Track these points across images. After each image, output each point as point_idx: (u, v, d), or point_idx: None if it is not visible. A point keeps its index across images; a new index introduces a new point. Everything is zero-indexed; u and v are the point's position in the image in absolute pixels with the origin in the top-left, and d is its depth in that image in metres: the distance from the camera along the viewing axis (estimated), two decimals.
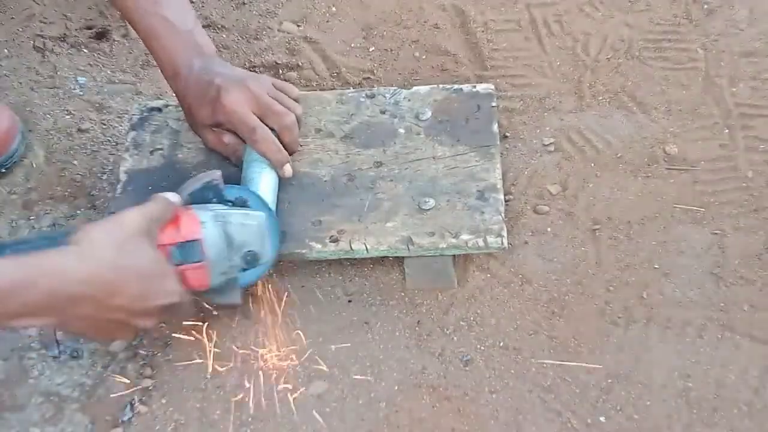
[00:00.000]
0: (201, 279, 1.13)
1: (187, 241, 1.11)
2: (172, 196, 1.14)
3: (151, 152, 1.36)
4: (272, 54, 1.61)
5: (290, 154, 1.29)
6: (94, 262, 1.03)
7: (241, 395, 1.24)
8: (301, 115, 1.32)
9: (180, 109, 1.40)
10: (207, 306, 1.26)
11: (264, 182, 1.25)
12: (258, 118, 1.26)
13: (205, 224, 1.12)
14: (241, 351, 1.28)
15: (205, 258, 1.12)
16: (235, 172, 1.29)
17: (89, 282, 1.01)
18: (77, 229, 1.04)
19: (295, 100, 1.32)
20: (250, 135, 1.26)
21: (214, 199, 1.18)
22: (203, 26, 1.64)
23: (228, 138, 1.29)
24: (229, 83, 1.25)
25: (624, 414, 1.20)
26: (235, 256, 1.15)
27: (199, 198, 1.17)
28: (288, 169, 1.28)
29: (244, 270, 1.17)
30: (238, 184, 1.25)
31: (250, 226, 1.16)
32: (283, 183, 1.30)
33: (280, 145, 1.27)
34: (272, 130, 1.27)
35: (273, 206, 1.25)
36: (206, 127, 1.29)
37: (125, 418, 1.23)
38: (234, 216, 1.15)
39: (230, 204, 1.19)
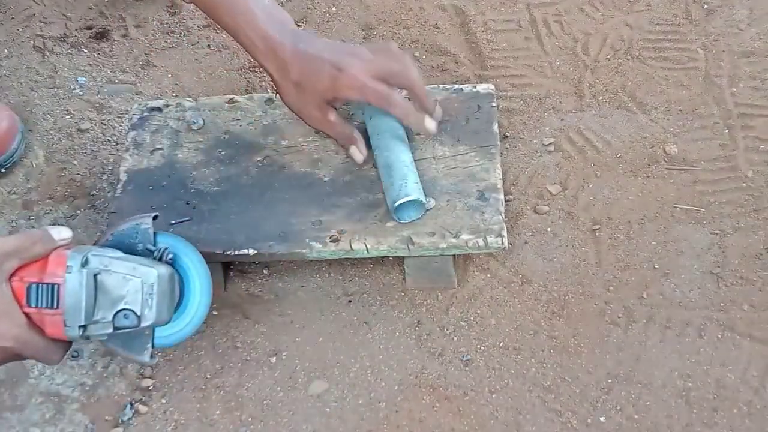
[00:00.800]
0: (55, 328, 1.01)
1: (44, 284, 1.00)
2: (58, 231, 1.04)
3: (152, 152, 1.37)
4: None
5: (432, 109, 1.27)
6: None
7: (241, 395, 1.24)
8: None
9: (180, 108, 1.41)
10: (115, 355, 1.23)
11: (404, 153, 1.26)
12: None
13: (71, 269, 1.00)
14: (241, 351, 1.28)
15: (61, 306, 1.00)
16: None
17: None
18: None
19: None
20: (386, 101, 1.23)
21: (140, 244, 1.09)
22: (203, 26, 1.66)
23: (333, 116, 1.27)
24: (343, 57, 1.22)
25: (624, 414, 1.20)
26: (105, 311, 1.02)
27: (125, 240, 1.09)
28: (431, 124, 1.27)
29: (118, 328, 1.03)
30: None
31: (133, 282, 1.02)
32: (283, 183, 1.31)
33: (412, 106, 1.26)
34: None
35: (412, 174, 1.23)
36: (315, 105, 1.26)
37: (125, 418, 1.23)
38: (118, 266, 1.03)
39: (151, 253, 1.09)
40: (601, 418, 1.19)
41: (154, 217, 1.12)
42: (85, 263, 1.01)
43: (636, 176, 1.41)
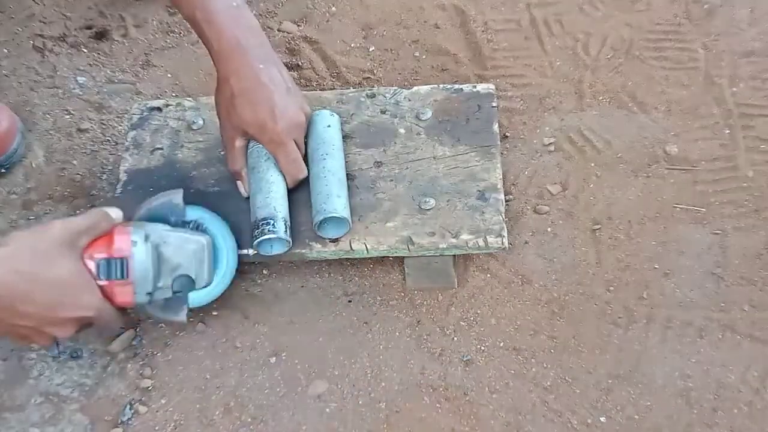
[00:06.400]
0: (126, 297, 1.14)
1: (114, 258, 1.12)
2: (113, 212, 1.15)
3: (151, 152, 1.36)
4: None
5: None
6: (6, 267, 1.04)
7: (242, 395, 1.24)
8: None
9: (180, 108, 1.41)
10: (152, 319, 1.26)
11: (279, 182, 1.26)
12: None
13: (136, 243, 1.13)
14: (241, 351, 1.28)
15: (131, 277, 1.13)
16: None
17: None
18: (5, 234, 1.06)
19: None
20: (293, 172, 1.26)
21: (172, 218, 1.19)
22: None
23: (239, 144, 1.26)
24: (282, 107, 1.22)
25: (624, 414, 1.19)
26: (166, 277, 1.16)
27: (157, 215, 1.19)
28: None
29: (176, 293, 1.18)
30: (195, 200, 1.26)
31: (186, 250, 1.17)
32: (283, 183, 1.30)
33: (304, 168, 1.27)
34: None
35: (284, 204, 1.24)
36: (233, 125, 1.25)
37: (125, 418, 1.23)
38: (172, 237, 1.16)
39: (187, 225, 1.20)
40: (602, 419, 1.19)
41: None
42: (146, 237, 1.14)
43: (636, 176, 1.41)
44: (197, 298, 1.21)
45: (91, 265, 1.12)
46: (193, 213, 1.23)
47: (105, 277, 1.12)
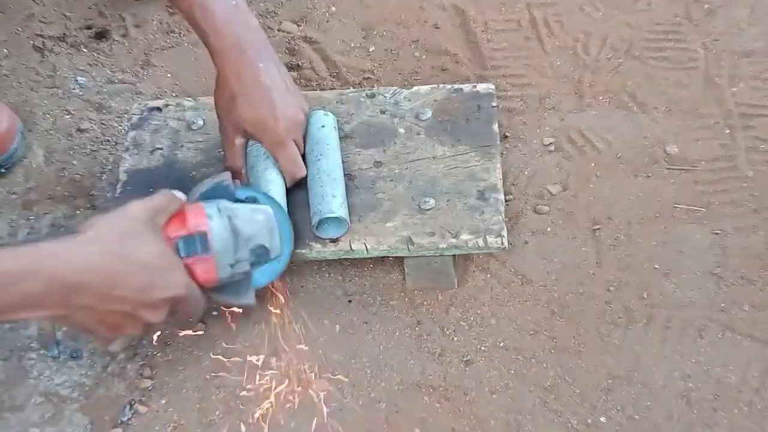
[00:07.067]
0: (208, 272, 1.11)
1: (193, 234, 1.10)
2: (178, 193, 1.13)
3: (151, 152, 1.36)
4: None
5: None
6: (95, 251, 1.01)
7: (242, 396, 1.24)
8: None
9: (180, 108, 1.41)
10: (222, 308, 1.25)
11: (278, 181, 1.26)
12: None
13: (211, 217, 1.11)
14: (241, 351, 1.28)
15: (212, 250, 1.11)
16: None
17: (90, 270, 1.00)
18: (84, 220, 1.04)
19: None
20: (291, 172, 1.26)
21: (224, 199, 1.17)
22: None
23: (239, 142, 1.26)
24: (282, 108, 1.22)
25: (624, 414, 1.19)
26: (243, 249, 1.14)
27: (210, 197, 1.17)
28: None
29: (253, 264, 1.16)
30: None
31: (257, 220, 1.15)
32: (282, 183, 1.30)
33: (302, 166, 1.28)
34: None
35: (284, 204, 1.25)
36: (232, 123, 1.25)
37: (125, 419, 1.23)
38: (241, 210, 1.15)
39: (242, 202, 1.19)
40: (602, 419, 1.19)
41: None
42: (219, 210, 1.12)
43: (636, 176, 1.41)
44: (261, 276, 1.19)
45: (170, 244, 1.09)
46: (243, 192, 1.21)
47: (186, 254, 1.10)
